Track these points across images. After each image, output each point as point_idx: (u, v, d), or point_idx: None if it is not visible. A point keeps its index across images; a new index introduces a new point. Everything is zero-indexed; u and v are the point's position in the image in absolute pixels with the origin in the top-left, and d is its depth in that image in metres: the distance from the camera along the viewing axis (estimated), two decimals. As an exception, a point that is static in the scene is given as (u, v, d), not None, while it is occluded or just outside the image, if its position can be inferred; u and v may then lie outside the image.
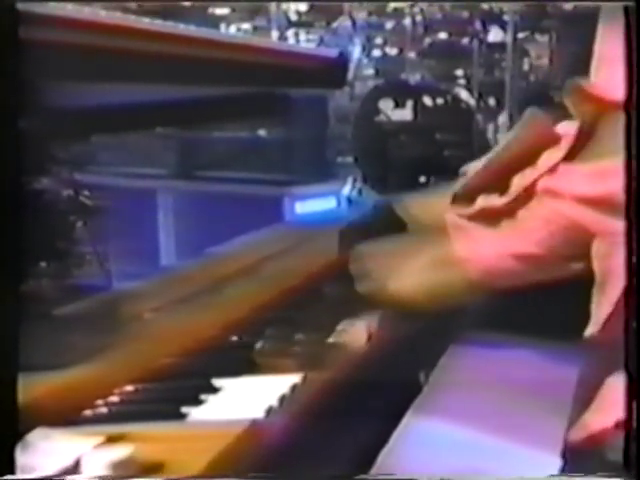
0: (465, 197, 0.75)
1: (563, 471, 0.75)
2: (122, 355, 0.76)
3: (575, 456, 0.74)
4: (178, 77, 1.00)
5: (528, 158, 0.71)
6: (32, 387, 0.64)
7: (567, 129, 0.71)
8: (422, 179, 4.03)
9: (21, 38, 0.61)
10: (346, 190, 3.94)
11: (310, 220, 1.80)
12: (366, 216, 1.46)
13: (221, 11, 4.35)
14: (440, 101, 4.03)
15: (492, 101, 4.08)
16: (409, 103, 4.02)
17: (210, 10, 4.32)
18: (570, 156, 0.69)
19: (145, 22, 0.99)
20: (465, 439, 0.88)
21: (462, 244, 0.74)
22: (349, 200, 3.96)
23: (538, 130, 0.73)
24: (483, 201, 0.73)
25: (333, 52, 1.50)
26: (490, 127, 4.00)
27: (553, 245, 0.70)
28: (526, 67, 4.13)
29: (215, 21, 4.27)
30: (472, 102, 3.99)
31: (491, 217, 0.72)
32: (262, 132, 3.21)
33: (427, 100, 4.04)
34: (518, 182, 0.71)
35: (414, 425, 0.85)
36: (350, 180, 4.05)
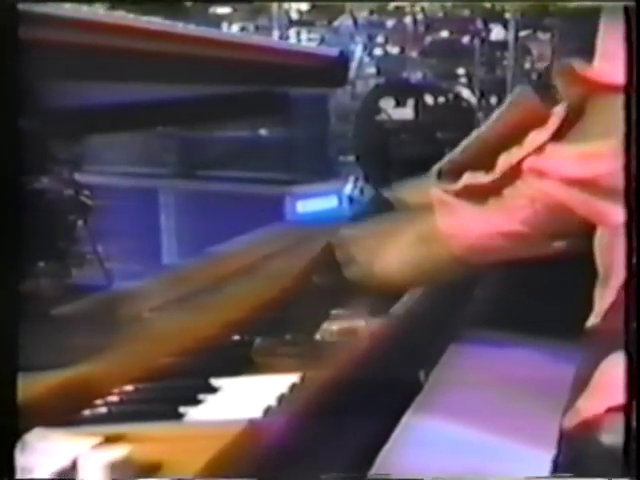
0: (451, 173, 0.74)
1: (557, 459, 0.75)
2: (121, 355, 0.76)
3: (570, 443, 0.74)
4: (178, 76, 1.00)
5: (515, 136, 0.70)
6: (31, 387, 0.64)
7: (557, 109, 0.70)
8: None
9: (21, 38, 0.61)
10: (348, 189, 3.94)
11: (311, 219, 1.80)
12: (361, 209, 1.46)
13: (222, 10, 4.35)
14: (442, 100, 4.02)
15: (494, 100, 4.07)
16: (410, 102, 4.01)
17: (211, 9, 4.32)
18: (557, 136, 0.69)
19: (145, 21, 0.99)
20: (465, 438, 0.88)
21: (447, 220, 0.73)
22: (351, 199, 3.96)
23: (526, 108, 0.73)
24: (469, 178, 0.72)
25: (334, 51, 1.50)
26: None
27: (537, 223, 0.70)
28: (528, 65, 4.12)
29: (217, 20, 4.27)
30: (474, 101, 3.98)
31: (476, 194, 0.71)
32: (263, 131, 3.20)
33: (429, 99, 4.03)
34: (504, 160, 0.70)
35: (414, 424, 0.85)
36: (352, 179, 4.05)
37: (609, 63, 0.69)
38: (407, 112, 4.03)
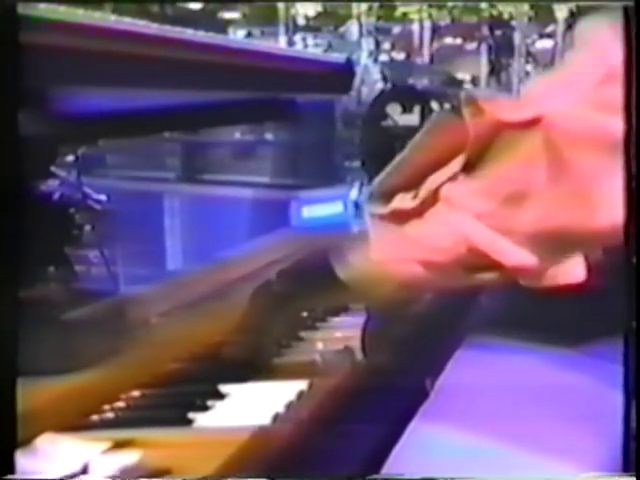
0: (382, 195, 0.71)
1: None
2: (129, 360, 0.76)
3: None
4: (184, 83, 1.00)
5: (440, 159, 0.68)
6: (39, 392, 0.64)
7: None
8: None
9: (27, 43, 0.61)
10: (353, 194, 3.95)
11: (317, 225, 1.80)
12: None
13: (230, 15, 4.37)
14: (448, 106, 4.02)
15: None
16: (417, 108, 4.02)
17: (219, 14, 4.33)
18: (468, 167, 0.67)
19: (152, 27, 1.00)
20: (472, 446, 0.88)
21: (377, 243, 0.72)
22: (356, 205, 3.96)
23: (447, 133, 0.69)
24: (397, 201, 0.70)
25: (340, 58, 1.50)
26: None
27: (456, 254, 0.67)
28: (533, 72, 4.13)
29: (224, 26, 4.29)
30: (479, 107, 3.98)
31: (402, 218, 0.69)
32: (269, 136, 3.21)
33: (435, 105, 4.04)
34: (427, 185, 0.68)
35: (421, 431, 0.85)
36: (357, 184, 4.05)
37: (518, 97, 0.68)
38: (413, 118, 4.04)
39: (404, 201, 0.69)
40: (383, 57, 4.32)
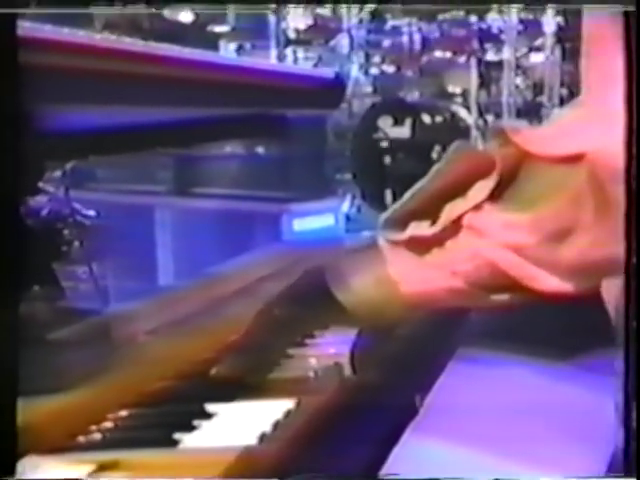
0: (397, 222, 0.72)
1: None
2: (116, 379, 0.75)
3: None
4: (172, 99, 1.00)
5: (460, 188, 0.69)
6: (25, 413, 0.64)
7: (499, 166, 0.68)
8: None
9: (19, 62, 0.61)
10: (345, 207, 3.96)
11: (308, 239, 1.80)
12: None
13: (220, 29, 4.38)
14: (439, 119, 4.05)
15: (490, 119, 4.09)
16: (408, 121, 4.04)
17: (209, 28, 4.35)
18: (494, 196, 0.68)
19: (139, 45, 1.00)
20: (462, 459, 0.87)
21: (395, 267, 0.72)
22: (348, 217, 3.98)
23: (468, 161, 0.70)
24: (414, 228, 0.71)
25: (329, 73, 1.51)
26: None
27: (477, 279, 0.69)
28: (523, 85, 4.15)
29: (214, 39, 4.30)
30: (470, 120, 4.01)
31: (420, 246, 0.70)
32: (260, 149, 3.22)
33: (426, 118, 4.06)
34: (447, 213, 0.69)
35: (411, 447, 0.84)
36: (349, 197, 4.07)
37: (547, 130, 0.69)
38: (404, 131, 4.06)
39: (421, 228, 0.70)
40: (374, 70, 4.34)
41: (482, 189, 0.68)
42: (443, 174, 0.72)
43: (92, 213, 1.07)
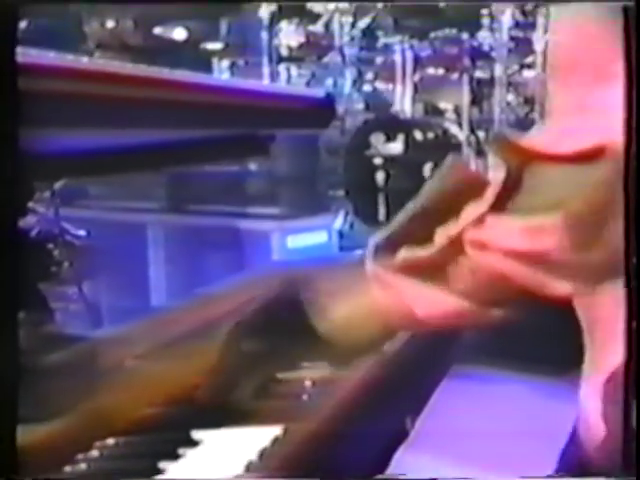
0: (388, 248, 0.69)
1: None
2: (101, 406, 0.75)
3: None
4: (163, 121, 1.00)
5: (452, 208, 0.67)
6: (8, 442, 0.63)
7: (494, 178, 0.66)
8: (413, 213, 4.03)
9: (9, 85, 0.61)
10: (338, 224, 3.96)
11: (300, 259, 1.80)
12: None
13: (213, 46, 4.40)
14: (431, 135, 4.07)
15: (482, 135, 4.11)
16: (400, 137, 4.06)
17: (202, 45, 4.37)
18: (498, 207, 0.66)
19: (129, 68, 1.00)
20: (457, 475, 0.86)
21: (385, 295, 0.69)
22: (340, 234, 3.98)
23: (460, 178, 0.69)
24: (407, 253, 0.68)
25: (320, 92, 1.51)
26: (480, 161, 4.03)
27: (477, 294, 0.67)
28: (514, 102, 4.18)
29: (207, 56, 4.32)
30: (462, 137, 4.03)
31: (415, 269, 0.68)
32: (252, 166, 3.23)
33: (418, 134, 4.07)
34: (442, 233, 0.67)
35: (404, 468, 0.84)
36: (342, 214, 4.07)
37: (551, 131, 0.68)
38: (397, 147, 4.07)
39: (415, 252, 0.68)
40: (366, 87, 4.36)
41: (480, 205, 0.66)
42: (436, 192, 0.71)
43: (82, 233, 1.06)
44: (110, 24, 4.02)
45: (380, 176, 4.05)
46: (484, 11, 4.12)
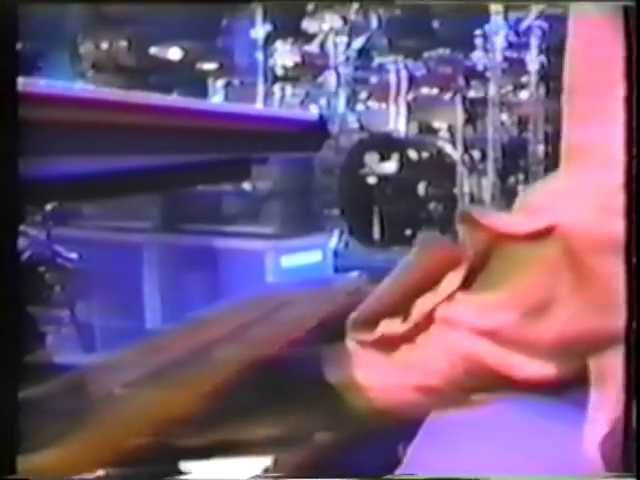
0: (367, 322, 0.68)
1: None
2: (91, 437, 0.74)
3: None
4: (157, 147, 1.00)
5: (429, 281, 0.67)
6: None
7: (467, 254, 0.66)
8: (408, 232, 4.04)
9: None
10: (332, 243, 3.96)
11: (294, 281, 1.79)
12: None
13: (208, 66, 4.42)
14: (425, 155, 4.08)
15: (476, 154, 4.14)
16: (395, 156, 4.07)
17: (197, 65, 4.39)
18: (466, 284, 0.65)
19: (122, 94, 1.00)
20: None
21: (363, 371, 0.67)
22: (335, 253, 3.98)
23: (436, 253, 0.68)
24: (385, 327, 0.67)
25: (313, 115, 1.52)
26: (474, 181, 4.05)
27: (453, 376, 0.66)
28: (508, 121, 4.21)
29: (202, 76, 4.34)
30: (456, 156, 4.05)
31: (391, 344, 0.67)
32: (247, 185, 3.23)
33: (412, 154, 4.09)
34: (418, 308, 0.66)
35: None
36: (337, 233, 4.07)
37: (519, 209, 0.68)
38: (391, 166, 4.09)
39: (392, 326, 0.67)
40: (360, 106, 4.38)
41: (453, 281, 0.66)
42: (412, 268, 0.70)
43: (74, 256, 1.06)
44: (104, 45, 4.04)
45: (375, 195, 4.07)
46: (478, 31, 4.16)
